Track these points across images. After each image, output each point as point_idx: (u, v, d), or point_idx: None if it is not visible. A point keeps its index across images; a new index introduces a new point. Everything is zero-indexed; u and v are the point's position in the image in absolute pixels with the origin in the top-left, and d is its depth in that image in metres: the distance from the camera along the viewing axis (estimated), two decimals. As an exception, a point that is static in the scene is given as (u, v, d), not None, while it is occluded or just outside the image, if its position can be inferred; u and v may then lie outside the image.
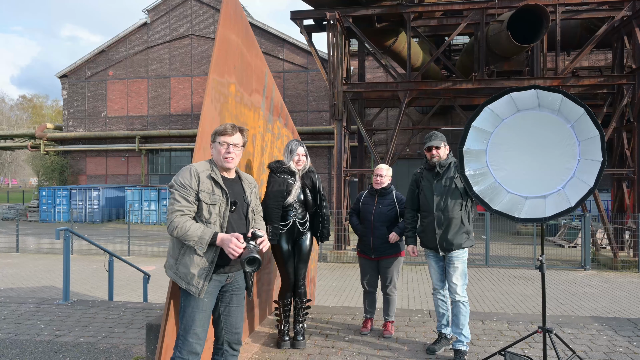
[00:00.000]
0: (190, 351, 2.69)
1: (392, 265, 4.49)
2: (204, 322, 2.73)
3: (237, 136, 2.78)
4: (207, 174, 2.71)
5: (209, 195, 2.68)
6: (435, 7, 13.31)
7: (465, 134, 3.62)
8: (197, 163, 2.77)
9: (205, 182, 2.68)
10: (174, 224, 2.60)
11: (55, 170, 28.40)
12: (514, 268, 12.11)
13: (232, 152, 2.75)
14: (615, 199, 13.69)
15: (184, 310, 2.70)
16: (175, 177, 2.71)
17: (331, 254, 13.22)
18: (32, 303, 5.94)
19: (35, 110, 62.12)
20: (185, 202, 2.64)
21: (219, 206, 2.70)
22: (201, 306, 2.69)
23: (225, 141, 2.74)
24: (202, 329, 2.72)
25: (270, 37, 26.34)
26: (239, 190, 2.86)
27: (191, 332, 2.68)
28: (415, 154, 25.27)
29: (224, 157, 2.75)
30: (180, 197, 2.64)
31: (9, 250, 14.68)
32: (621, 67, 13.64)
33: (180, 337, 2.71)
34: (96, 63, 28.48)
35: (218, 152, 2.76)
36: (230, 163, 2.77)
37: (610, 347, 4.24)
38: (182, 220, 2.60)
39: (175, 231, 2.59)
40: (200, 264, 2.64)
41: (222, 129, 2.77)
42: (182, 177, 2.67)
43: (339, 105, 13.21)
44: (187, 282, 2.64)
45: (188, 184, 2.65)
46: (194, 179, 2.66)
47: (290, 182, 4.01)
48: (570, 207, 3.32)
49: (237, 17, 3.67)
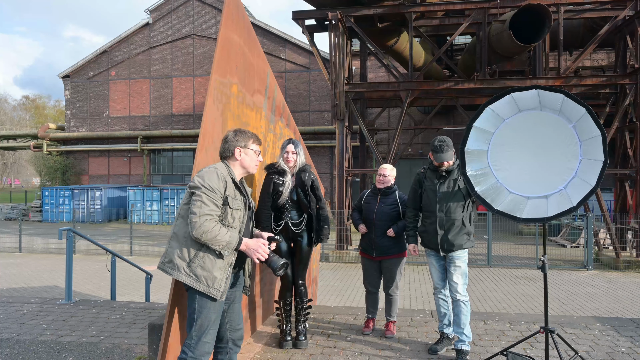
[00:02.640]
0: (204, 351, 2.69)
1: (394, 265, 4.49)
2: (218, 321, 2.76)
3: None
4: (230, 179, 2.71)
5: (233, 200, 2.69)
6: (437, 6, 13.30)
7: (467, 134, 3.62)
8: (218, 166, 2.74)
9: (230, 186, 2.69)
10: (203, 227, 2.53)
11: (58, 170, 28.48)
12: (516, 268, 12.09)
13: (260, 159, 2.90)
14: (618, 199, 13.66)
15: (200, 312, 2.66)
16: (198, 178, 2.63)
17: (333, 254, 13.22)
18: (35, 303, 5.96)
19: (37, 111, 62.31)
20: (214, 206, 2.60)
21: (240, 211, 2.74)
22: (218, 307, 2.71)
23: (259, 150, 2.89)
24: (215, 330, 2.76)
25: (272, 37, 26.36)
26: (247, 193, 2.91)
27: (206, 332, 2.68)
28: (417, 153, 25.24)
29: (256, 164, 2.86)
30: (209, 201, 2.58)
31: (12, 250, 14.73)
32: (624, 67, 13.60)
33: (193, 338, 2.68)
34: (98, 63, 28.55)
35: (251, 159, 2.84)
36: (257, 169, 2.89)
37: (612, 347, 4.24)
38: (212, 224, 2.56)
39: (205, 235, 2.54)
40: (222, 267, 2.64)
41: (256, 137, 2.88)
42: (210, 179, 2.62)
43: (340, 105, 13.21)
44: (208, 285, 2.61)
45: (217, 188, 2.62)
46: (221, 183, 2.64)
47: (278, 182, 3.98)
48: (572, 207, 3.32)
49: (239, 18, 3.68)
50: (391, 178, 4.52)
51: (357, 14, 13.16)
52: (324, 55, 21.08)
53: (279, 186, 3.97)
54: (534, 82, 12.72)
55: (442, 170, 3.99)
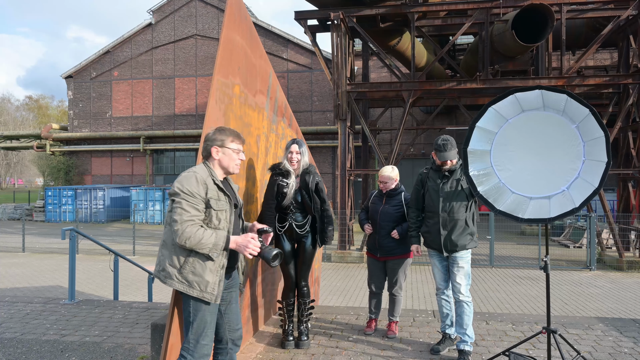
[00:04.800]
0: (203, 354, 2.69)
1: (399, 266, 4.49)
2: (214, 323, 2.75)
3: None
4: (211, 180, 2.66)
5: (216, 202, 2.64)
6: (439, 6, 13.29)
7: (470, 134, 3.62)
8: (197, 168, 2.69)
9: (212, 188, 2.64)
10: (186, 234, 2.50)
11: (61, 171, 28.56)
12: (518, 268, 12.07)
13: (242, 159, 2.81)
14: (621, 199, 13.62)
15: (195, 315, 2.65)
16: (177, 184, 2.58)
17: (335, 254, 13.22)
18: (38, 302, 5.98)
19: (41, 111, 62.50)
20: (195, 211, 2.56)
21: (226, 211, 2.70)
22: (213, 309, 2.70)
23: (239, 148, 2.78)
24: (212, 331, 2.74)
25: (274, 37, 26.38)
26: (231, 191, 2.87)
27: (203, 335, 2.68)
28: (420, 153, 25.22)
29: (236, 164, 2.78)
30: (189, 207, 2.54)
31: (15, 250, 14.78)
32: (627, 67, 13.56)
33: (191, 342, 2.67)
34: (101, 64, 28.62)
35: (230, 158, 2.74)
36: (238, 169, 2.80)
37: (615, 348, 4.23)
38: (194, 229, 2.52)
39: (188, 241, 2.51)
40: (214, 270, 2.61)
41: (236, 135, 2.78)
42: (189, 184, 2.57)
43: (343, 105, 13.21)
44: (201, 289, 2.59)
45: (196, 192, 2.57)
46: (201, 187, 2.59)
47: (282, 183, 3.97)
48: (575, 208, 3.31)
49: (241, 18, 3.68)
50: (393, 180, 4.50)
51: (359, 14, 13.16)
52: (326, 55, 21.07)
53: (283, 188, 3.96)
54: (536, 82, 12.70)
55: (445, 169, 3.98)
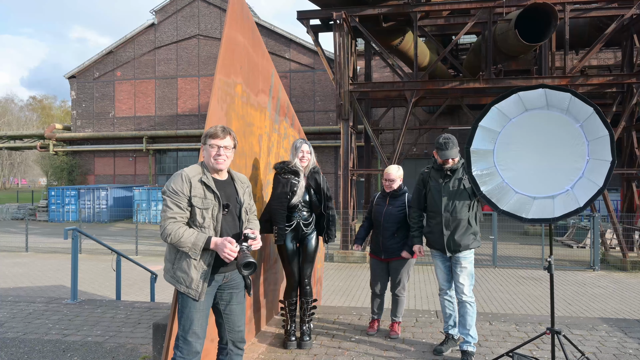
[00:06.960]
0: (190, 351, 2.72)
1: (402, 266, 4.47)
2: (202, 321, 2.76)
3: (228, 139, 2.80)
4: (198, 178, 2.71)
5: (202, 200, 2.69)
6: (442, 6, 13.25)
7: (473, 133, 3.60)
8: (189, 167, 2.77)
9: (197, 186, 2.69)
10: (167, 231, 2.61)
11: (64, 170, 28.65)
12: (522, 268, 12.03)
13: (222, 154, 2.77)
14: (625, 199, 13.56)
15: (182, 311, 2.73)
16: (167, 182, 2.71)
17: (338, 254, 13.20)
18: (41, 302, 5.99)
19: (44, 111, 62.71)
20: (177, 208, 2.65)
21: (211, 210, 2.72)
22: (198, 306, 2.72)
23: (215, 144, 2.76)
24: (201, 328, 2.75)
25: (277, 37, 26.38)
26: (232, 191, 2.87)
27: (190, 332, 2.71)
28: (422, 153, 25.18)
29: (214, 159, 2.77)
30: (172, 204, 2.65)
31: (19, 250, 14.82)
32: (630, 66, 13.51)
33: (180, 338, 2.73)
34: (104, 64, 28.69)
35: (209, 154, 2.78)
36: (221, 165, 2.78)
37: (619, 348, 4.20)
38: (175, 227, 2.61)
39: (169, 238, 2.61)
40: (198, 268, 2.67)
41: (212, 132, 2.79)
42: (174, 183, 2.68)
43: (345, 105, 13.19)
44: (186, 286, 2.68)
45: (180, 190, 2.66)
46: (185, 185, 2.67)
47: (294, 182, 4.00)
48: (579, 208, 3.28)
49: (243, 18, 3.67)
50: (398, 180, 4.49)
51: (361, 14, 13.14)
52: (329, 55, 21.04)
53: (294, 187, 4.00)
54: (539, 81, 12.65)
55: (446, 168, 3.95)
